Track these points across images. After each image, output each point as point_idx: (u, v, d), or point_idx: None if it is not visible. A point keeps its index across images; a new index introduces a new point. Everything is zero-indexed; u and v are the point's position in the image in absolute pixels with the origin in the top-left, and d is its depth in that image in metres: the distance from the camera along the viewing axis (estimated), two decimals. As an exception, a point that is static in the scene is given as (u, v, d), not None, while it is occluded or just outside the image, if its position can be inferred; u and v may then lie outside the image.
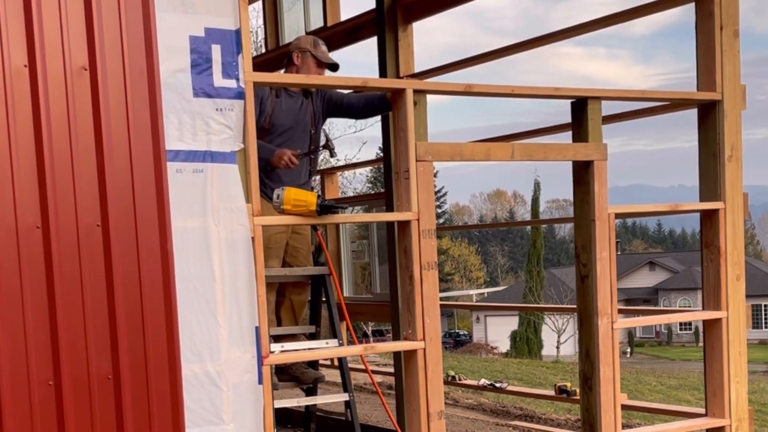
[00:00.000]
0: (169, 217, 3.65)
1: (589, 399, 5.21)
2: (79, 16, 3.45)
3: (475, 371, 18.27)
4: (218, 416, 3.96)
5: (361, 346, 4.96)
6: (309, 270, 5.75)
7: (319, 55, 5.85)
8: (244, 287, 4.03)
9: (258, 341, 4.07)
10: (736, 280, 5.55)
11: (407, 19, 7.38)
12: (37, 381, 3.38)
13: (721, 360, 5.50)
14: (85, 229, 3.46)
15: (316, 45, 5.88)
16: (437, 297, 4.67)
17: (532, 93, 5.15)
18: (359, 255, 8.71)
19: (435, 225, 4.65)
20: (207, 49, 3.90)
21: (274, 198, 4.43)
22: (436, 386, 4.64)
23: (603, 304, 5.10)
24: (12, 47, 3.32)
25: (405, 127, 4.58)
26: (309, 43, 5.90)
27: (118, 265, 3.53)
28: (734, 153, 5.50)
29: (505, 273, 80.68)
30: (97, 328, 3.49)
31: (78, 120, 3.44)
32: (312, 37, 6.03)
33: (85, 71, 3.46)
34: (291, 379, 5.77)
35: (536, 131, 7.53)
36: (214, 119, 3.94)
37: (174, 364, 3.67)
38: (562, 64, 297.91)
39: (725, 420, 5.50)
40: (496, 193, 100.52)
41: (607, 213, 5.09)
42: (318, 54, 5.84)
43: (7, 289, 3.32)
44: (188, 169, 3.88)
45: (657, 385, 20.74)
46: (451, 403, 9.86)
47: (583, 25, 6.38)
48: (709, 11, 5.41)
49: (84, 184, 3.46)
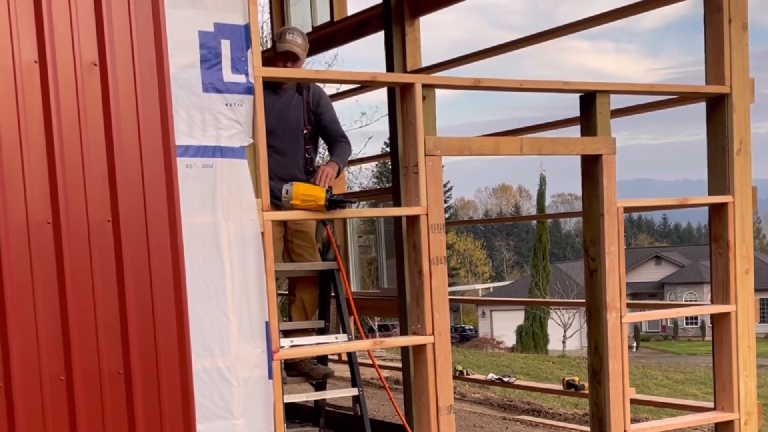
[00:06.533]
0: (179, 213, 3.67)
1: (598, 393, 5.20)
2: (88, 13, 3.46)
3: (481, 366, 18.29)
4: (229, 411, 3.96)
5: (370, 341, 4.97)
6: (318, 265, 5.74)
7: (278, 46, 5.62)
8: (254, 282, 4.03)
9: (268, 336, 4.08)
10: (745, 274, 5.54)
11: (414, 13, 7.36)
12: (49, 376, 3.40)
13: (730, 354, 5.50)
14: (96, 225, 3.48)
15: (281, 36, 5.66)
16: (446, 291, 4.67)
17: (541, 87, 5.14)
18: (366, 250, 8.69)
19: (444, 220, 4.65)
20: (216, 45, 3.90)
21: (282, 194, 4.42)
22: (445, 381, 4.65)
23: (612, 299, 5.09)
24: (22, 43, 3.34)
25: (414, 122, 4.58)
26: (277, 35, 5.72)
27: (129, 261, 3.55)
28: (743, 146, 5.48)
29: (511, 267, 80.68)
30: (107, 323, 3.51)
31: (88, 116, 3.45)
32: (282, 28, 5.83)
33: (95, 67, 3.47)
34: (300, 375, 5.76)
35: (544, 125, 7.52)
36: (224, 114, 3.94)
37: (184, 359, 3.69)
38: (569, 58, 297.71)
39: (734, 414, 5.50)
40: (501, 188, 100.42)
41: (616, 207, 5.09)
42: (278, 45, 5.62)
43: (19, 285, 3.34)
44: (198, 164, 3.88)
45: (663, 380, 20.75)
46: (458, 397, 9.87)
47: (590, 19, 6.37)
48: (718, 4, 5.40)
49: (94, 179, 3.47)
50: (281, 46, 5.61)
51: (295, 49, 5.61)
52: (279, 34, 5.71)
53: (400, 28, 7.29)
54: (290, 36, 5.65)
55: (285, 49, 5.59)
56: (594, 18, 6.34)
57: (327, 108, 5.78)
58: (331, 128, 5.73)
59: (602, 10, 6.29)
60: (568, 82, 5.09)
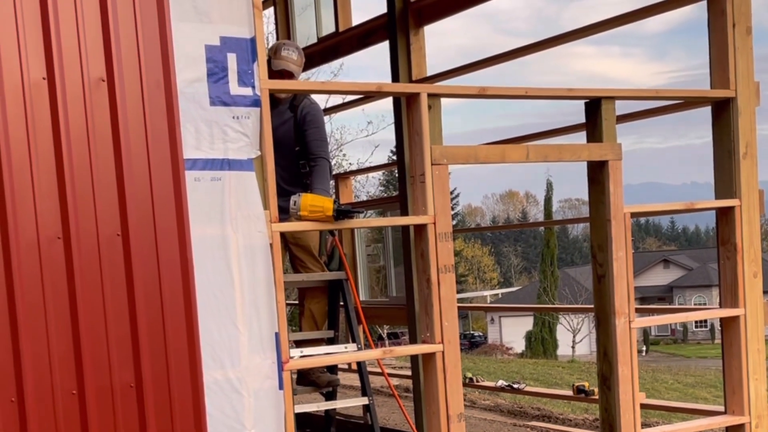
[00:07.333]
0: (188, 226, 3.69)
1: (608, 399, 5.21)
2: (95, 28, 3.48)
3: (491, 372, 18.28)
4: (240, 422, 3.97)
5: (379, 350, 4.98)
6: (325, 275, 5.76)
7: (273, 64, 5.55)
8: (263, 293, 4.04)
9: (278, 347, 4.09)
10: (753, 277, 5.53)
11: (419, 22, 7.40)
12: (61, 390, 3.41)
13: (740, 357, 5.49)
14: (106, 240, 3.50)
15: (276, 52, 5.59)
16: (455, 300, 4.68)
17: (546, 94, 5.16)
18: (374, 258, 8.71)
19: (451, 228, 4.66)
20: (223, 58, 3.92)
21: (290, 205, 4.44)
22: (455, 388, 4.65)
23: (620, 304, 5.10)
24: (30, 60, 3.36)
25: (420, 131, 4.59)
26: (272, 50, 5.66)
27: (139, 274, 3.56)
28: (749, 150, 5.49)
29: (519, 273, 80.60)
30: (119, 337, 3.53)
31: (96, 131, 3.48)
32: (277, 43, 5.77)
33: (103, 82, 3.49)
34: (308, 384, 5.78)
35: (550, 132, 7.53)
36: (231, 127, 3.96)
37: (195, 371, 3.70)
38: (575, 63, 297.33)
39: (744, 417, 5.49)
40: (508, 194, 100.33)
41: (623, 212, 5.09)
42: (273, 62, 5.56)
43: (30, 300, 3.35)
44: (206, 177, 3.90)
45: (674, 383, 20.71)
46: (468, 404, 9.86)
47: (595, 24, 6.40)
48: (722, 8, 5.40)
49: (103, 194, 3.49)
50: (277, 64, 5.58)
51: (291, 67, 5.61)
52: (274, 50, 5.66)
53: (405, 37, 7.32)
54: (285, 53, 5.62)
55: (281, 68, 5.57)
56: (599, 24, 6.36)
57: (312, 125, 5.71)
58: (310, 147, 5.69)
59: (606, 16, 6.32)
60: (572, 89, 5.10)
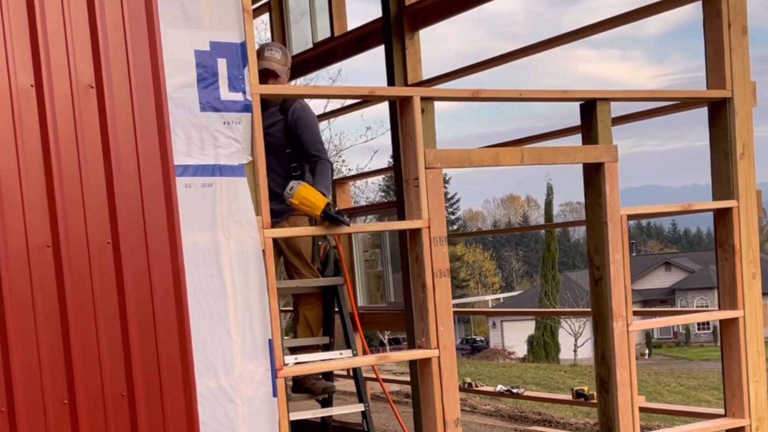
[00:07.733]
0: (180, 233, 3.66)
1: (607, 402, 5.17)
2: (84, 35, 3.46)
3: (492, 377, 18.23)
4: (234, 430, 3.94)
5: (374, 356, 4.96)
6: (320, 281, 5.73)
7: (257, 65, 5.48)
8: (256, 300, 4.02)
9: (272, 354, 4.06)
10: (752, 279, 5.50)
11: (414, 26, 7.38)
12: (52, 400, 3.38)
13: (739, 359, 5.46)
14: (96, 247, 3.47)
15: (260, 54, 5.44)
16: (450, 304, 4.65)
17: (540, 96, 5.13)
18: (372, 264, 8.68)
19: (446, 232, 4.63)
20: (213, 63, 3.90)
21: (287, 189, 4.42)
22: (451, 394, 4.62)
23: (617, 307, 5.06)
24: (18, 67, 3.33)
25: (413, 135, 4.57)
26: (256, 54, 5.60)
27: (130, 282, 3.53)
28: (746, 150, 5.46)
29: (521, 277, 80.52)
30: (110, 345, 3.49)
31: (85, 138, 3.45)
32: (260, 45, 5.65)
33: (92, 89, 3.47)
34: (303, 391, 5.75)
35: (546, 135, 7.50)
36: (222, 133, 3.94)
37: (188, 379, 3.67)
38: (575, 66, 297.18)
39: (745, 420, 5.45)
40: (509, 198, 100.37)
41: (619, 215, 5.06)
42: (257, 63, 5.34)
43: (20, 310, 3.32)
44: (197, 183, 3.88)
45: (676, 386, 20.65)
46: (469, 409, 9.83)
47: (593, 26, 6.36)
48: (717, 9, 5.38)
49: (93, 202, 3.46)
50: (260, 64, 5.41)
51: (274, 66, 5.49)
52: (258, 52, 5.52)
53: (400, 41, 7.31)
54: (268, 53, 5.52)
55: (263, 67, 5.41)
56: (596, 25, 6.32)
57: (305, 128, 5.62)
58: (308, 148, 5.60)
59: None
60: (567, 90, 5.08)
